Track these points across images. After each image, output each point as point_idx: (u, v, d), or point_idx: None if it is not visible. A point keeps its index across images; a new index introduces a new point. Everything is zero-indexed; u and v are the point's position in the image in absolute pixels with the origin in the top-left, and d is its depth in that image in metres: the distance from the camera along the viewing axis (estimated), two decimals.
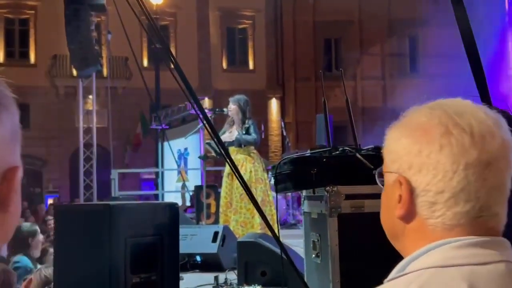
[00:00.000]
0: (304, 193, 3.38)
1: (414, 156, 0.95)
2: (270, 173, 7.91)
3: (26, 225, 6.01)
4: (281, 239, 3.46)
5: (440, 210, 0.93)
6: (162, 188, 15.35)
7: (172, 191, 15.18)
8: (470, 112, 0.95)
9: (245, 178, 6.33)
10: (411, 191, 0.96)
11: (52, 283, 3.53)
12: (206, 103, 22.05)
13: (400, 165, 0.98)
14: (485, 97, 3.33)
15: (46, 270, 3.65)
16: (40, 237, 5.89)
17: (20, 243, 5.48)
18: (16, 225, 0.90)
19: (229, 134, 6.88)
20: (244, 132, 6.80)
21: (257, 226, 6.52)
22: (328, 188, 2.89)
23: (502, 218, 0.95)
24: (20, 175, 0.86)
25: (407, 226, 0.98)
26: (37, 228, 6.01)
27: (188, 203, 13.45)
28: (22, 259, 5.37)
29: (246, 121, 6.86)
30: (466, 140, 0.92)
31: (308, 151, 3.17)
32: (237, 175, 3.29)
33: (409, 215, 0.97)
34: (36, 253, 5.71)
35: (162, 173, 15.61)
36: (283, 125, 17.79)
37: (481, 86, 3.36)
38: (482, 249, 0.92)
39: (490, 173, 0.92)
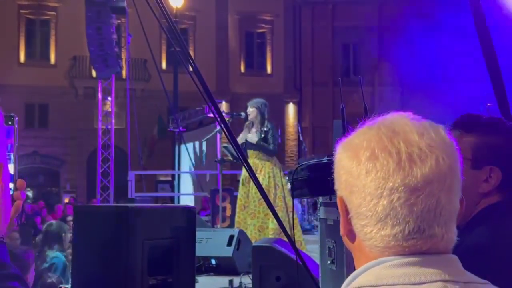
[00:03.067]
0: (320, 199, 3.38)
1: (348, 177, 0.95)
2: (286, 178, 7.92)
3: (57, 223, 6.35)
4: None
5: (370, 233, 0.93)
6: (178, 191, 15.42)
7: (188, 194, 15.24)
8: (403, 133, 0.92)
9: (264, 183, 6.34)
10: (347, 212, 0.96)
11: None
12: (224, 106, 22.12)
13: (339, 184, 0.98)
14: (502, 103, 3.32)
15: None
16: (69, 235, 6.05)
17: (54, 238, 5.72)
18: (7, 222, 0.93)
19: (249, 135, 6.87)
20: (262, 136, 6.80)
21: (270, 231, 6.52)
22: None
23: (443, 238, 0.92)
24: (5, 172, 0.89)
25: (352, 244, 0.98)
26: (67, 226, 6.24)
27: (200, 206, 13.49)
28: (59, 255, 5.57)
29: (265, 124, 6.85)
30: (391, 165, 0.90)
31: (326, 157, 3.18)
32: (253, 179, 3.30)
33: (350, 235, 0.97)
34: (68, 252, 5.89)
35: (178, 175, 15.67)
36: (299, 130, 17.76)
37: (499, 91, 3.34)
38: (417, 268, 0.90)
39: (419, 197, 0.90)
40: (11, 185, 1.20)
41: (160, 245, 2.94)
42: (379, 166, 0.91)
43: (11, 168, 1.20)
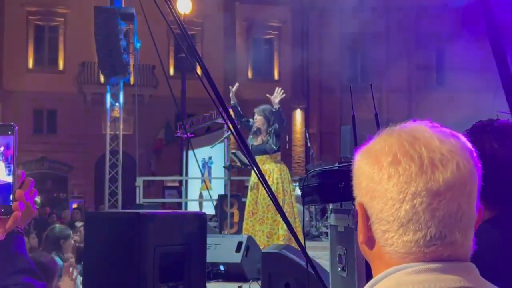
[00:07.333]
0: (331, 206, 3.38)
1: (369, 183, 0.95)
2: (295, 184, 7.93)
3: (60, 227, 6.17)
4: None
5: (391, 239, 0.93)
6: (186, 196, 15.43)
7: (196, 200, 15.25)
8: (423, 139, 0.93)
9: (272, 189, 6.34)
10: (368, 218, 0.96)
11: None
12: (231, 112, 22.14)
13: (359, 190, 0.98)
14: None
15: None
16: (72, 241, 5.99)
17: (53, 243, 5.64)
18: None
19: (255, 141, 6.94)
20: (269, 137, 6.87)
21: (280, 237, 6.52)
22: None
23: (463, 245, 0.93)
24: None
25: (371, 252, 0.98)
26: (70, 232, 6.13)
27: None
28: (56, 259, 5.51)
29: (271, 125, 6.94)
30: (413, 169, 0.91)
31: (336, 164, 3.18)
32: (264, 185, 3.31)
33: (369, 241, 0.97)
34: (67, 256, 5.81)
35: (186, 181, 15.68)
36: (307, 136, 17.73)
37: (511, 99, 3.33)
38: (437, 274, 0.90)
39: (441, 202, 0.90)
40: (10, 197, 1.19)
41: (172, 252, 2.95)
42: (401, 170, 0.92)
43: (10, 179, 1.18)
